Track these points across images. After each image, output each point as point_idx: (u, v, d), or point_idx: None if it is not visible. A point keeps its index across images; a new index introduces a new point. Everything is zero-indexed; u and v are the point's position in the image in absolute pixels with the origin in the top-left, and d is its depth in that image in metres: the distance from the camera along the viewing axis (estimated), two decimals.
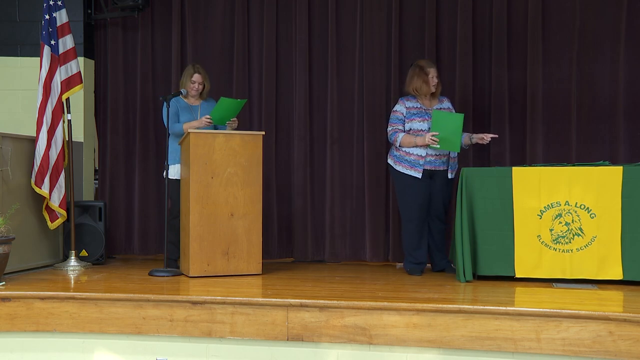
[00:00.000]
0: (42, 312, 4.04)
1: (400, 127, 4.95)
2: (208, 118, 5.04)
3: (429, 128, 4.87)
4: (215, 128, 5.23)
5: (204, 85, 5.33)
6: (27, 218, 5.15)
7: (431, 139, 4.76)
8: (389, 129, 5.01)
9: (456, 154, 5.02)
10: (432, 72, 4.97)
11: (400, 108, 5.00)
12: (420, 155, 4.89)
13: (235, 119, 5.15)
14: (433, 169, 4.93)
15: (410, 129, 4.92)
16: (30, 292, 4.09)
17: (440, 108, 5.01)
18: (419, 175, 4.90)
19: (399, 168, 4.98)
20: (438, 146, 4.79)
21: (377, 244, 5.78)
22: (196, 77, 5.27)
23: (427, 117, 4.92)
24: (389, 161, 5.10)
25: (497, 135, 5.09)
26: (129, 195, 6.19)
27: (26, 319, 4.04)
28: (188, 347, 3.93)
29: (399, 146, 4.94)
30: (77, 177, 5.72)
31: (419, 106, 4.98)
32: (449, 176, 4.99)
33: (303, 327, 3.80)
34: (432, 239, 5.10)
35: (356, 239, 5.84)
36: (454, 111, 5.11)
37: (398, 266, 5.58)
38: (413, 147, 4.88)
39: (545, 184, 4.56)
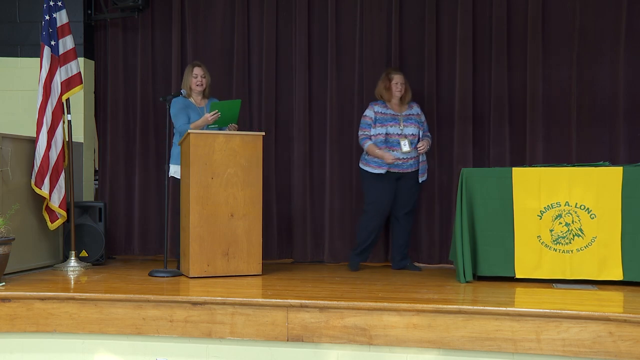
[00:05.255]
0: (42, 312, 4.04)
1: (369, 132, 5.19)
2: (212, 114, 4.91)
3: (401, 132, 5.11)
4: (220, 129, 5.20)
5: (206, 80, 5.24)
6: (27, 219, 5.14)
7: (388, 160, 5.06)
8: (360, 133, 5.27)
9: (425, 158, 5.23)
10: (397, 79, 5.19)
11: (369, 113, 5.23)
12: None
13: (235, 125, 5.11)
14: (400, 171, 5.15)
15: (384, 133, 5.12)
16: (31, 292, 4.09)
17: (409, 114, 5.22)
18: (383, 172, 5.14)
19: (368, 169, 5.22)
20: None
21: (377, 245, 5.76)
22: (197, 70, 5.20)
23: (397, 123, 5.13)
24: (360, 164, 5.33)
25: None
26: (129, 196, 6.19)
27: (26, 320, 4.04)
28: (188, 348, 3.93)
29: (366, 151, 5.21)
30: (77, 177, 5.72)
31: (386, 111, 5.19)
32: (420, 180, 5.22)
33: (303, 328, 3.80)
34: (394, 237, 5.36)
35: (355, 240, 5.83)
36: (422, 117, 5.31)
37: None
38: (374, 157, 5.14)
39: (545, 184, 4.56)
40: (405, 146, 5.08)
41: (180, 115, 5.10)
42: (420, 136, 5.22)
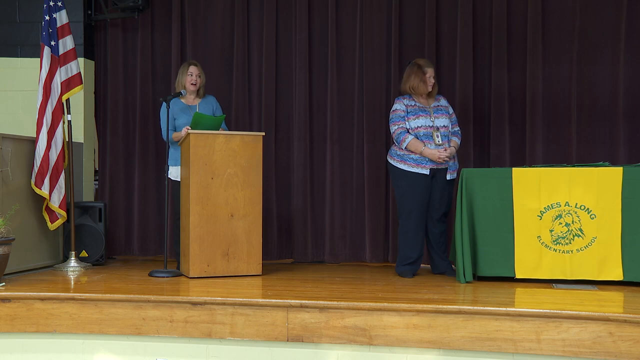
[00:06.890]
0: (42, 313, 4.04)
1: (404, 126, 4.90)
2: (189, 128, 4.91)
3: (433, 124, 4.87)
4: None
5: (201, 79, 5.21)
6: (27, 219, 5.15)
7: (440, 158, 4.79)
8: (395, 128, 4.92)
9: (456, 155, 5.00)
10: (430, 72, 4.96)
11: (400, 106, 4.95)
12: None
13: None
14: (435, 167, 4.88)
15: (415, 127, 4.86)
16: (31, 292, 4.09)
17: (438, 106, 5.00)
18: (427, 172, 4.85)
19: (404, 167, 4.89)
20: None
21: (377, 245, 5.78)
22: (192, 69, 5.18)
23: (427, 114, 4.90)
24: (390, 160, 5.00)
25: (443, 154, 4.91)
26: (128, 196, 6.19)
27: (26, 320, 4.04)
28: (188, 348, 3.93)
29: (405, 148, 4.88)
30: (77, 177, 5.72)
31: (414, 104, 4.94)
32: (448, 177, 4.93)
33: (303, 328, 3.80)
34: (430, 241, 5.03)
35: (356, 240, 5.84)
36: (450, 109, 5.07)
37: None
38: (417, 154, 4.84)
39: (545, 184, 4.56)
40: (438, 137, 4.82)
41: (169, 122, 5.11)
42: (450, 128, 4.99)
